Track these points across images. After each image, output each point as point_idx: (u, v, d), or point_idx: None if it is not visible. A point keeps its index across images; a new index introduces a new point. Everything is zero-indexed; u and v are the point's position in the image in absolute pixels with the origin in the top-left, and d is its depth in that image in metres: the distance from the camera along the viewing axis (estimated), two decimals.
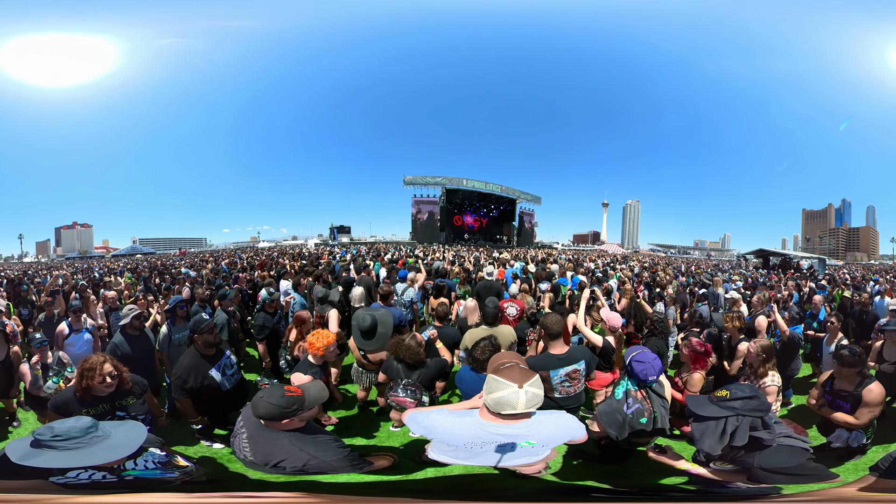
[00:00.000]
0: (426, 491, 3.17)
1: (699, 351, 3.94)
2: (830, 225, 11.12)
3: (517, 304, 5.79)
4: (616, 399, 3.19)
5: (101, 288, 7.58)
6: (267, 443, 2.39)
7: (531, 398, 2.06)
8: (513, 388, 2.06)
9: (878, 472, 2.95)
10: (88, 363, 3.09)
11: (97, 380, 3.05)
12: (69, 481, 2.41)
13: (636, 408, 3.10)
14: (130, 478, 2.55)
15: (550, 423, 2.22)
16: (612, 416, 3.11)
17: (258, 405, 2.36)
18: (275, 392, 2.40)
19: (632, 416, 3.08)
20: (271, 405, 2.33)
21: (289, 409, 2.35)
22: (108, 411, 3.14)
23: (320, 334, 3.67)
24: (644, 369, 3.11)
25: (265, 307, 5.40)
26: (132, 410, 3.24)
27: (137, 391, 3.34)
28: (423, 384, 3.70)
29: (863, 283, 9.52)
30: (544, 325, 3.66)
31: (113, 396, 3.17)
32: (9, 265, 9.07)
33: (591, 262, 11.23)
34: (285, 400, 2.35)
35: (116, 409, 3.18)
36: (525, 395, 2.04)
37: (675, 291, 8.17)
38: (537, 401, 2.09)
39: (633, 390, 3.15)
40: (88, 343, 4.90)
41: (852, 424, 3.43)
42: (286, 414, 2.36)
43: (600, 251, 13.51)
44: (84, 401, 3.07)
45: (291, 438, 2.41)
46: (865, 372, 3.46)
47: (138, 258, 10.32)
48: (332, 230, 12.72)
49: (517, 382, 2.07)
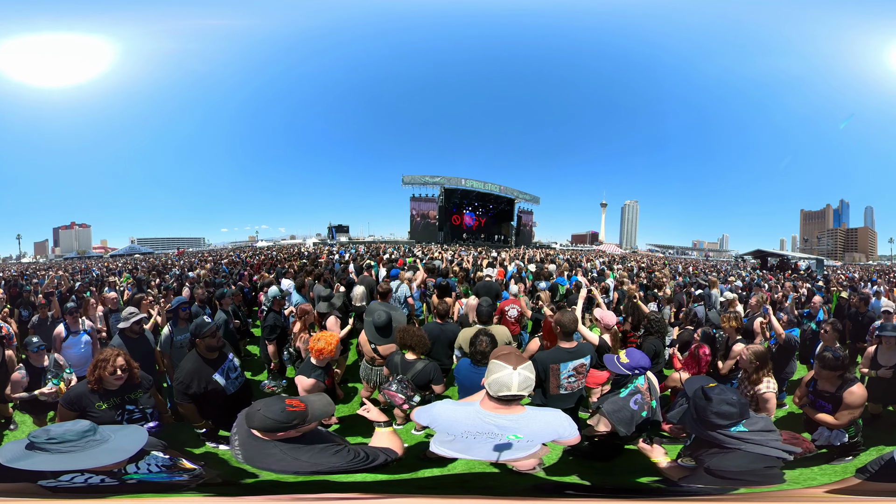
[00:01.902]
0: (431, 487, 3.23)
1: (697, 355, 4.02)
2: (829, 225, 11.14)
3: (517, 304, 5.81)
4: (621, 397, 3.25)
5: (103, 288, 7.58)
6: (257, 451, 2.25)
7: (524, 380, 2.19)
8: (508, 369, 2.19)
9: (867, 474, 2.97)
10: (103, 355, 3.18)
11: (108, 370, 3.12)
12: (60, 485, 2.40)
13: (638, 397, 3.22)
14: (133, 481, 2.54)
15: (540, 419, 2.34)
16: (621, 413, 3.18)
17: (254, 417, 2.21)
18: (274, 406, 2.24)
19: (636, 409, 3.19)
20: (268, 419, 2.19)
21: (288, 423, 2.22)
22: (119, 405, 3.22)
23: (323, 337, 3.66)
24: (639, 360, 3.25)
25: (274, 306, 5.39)
26: (141, 403, 3.34)
27: (146, 385, 3.44)
28: (416, 383, 3.73)
29: (860, 283, 9.55)
30: (560, 322, 3.70)
31: (123, 389, 3.25)
32: (7, 266, 9.05)
33: (589, 262, 11.24)
34: (285, 415, 2.21)
35: (127, 403, 3.27)
36: (518, 377, 2.18)
37: (671, 292, 8.19)
38: (529, 383, 2.21)
39: (640, 385, 3.24)
40: (87, 345, 4.89)
41: (833, 425, 3.53)
42: (283, 428, 2.23)
43: (598, 251, 13.53)
44: (97, 393, 3.14)
45: (283, 448, 2.26)
46: (848, 375, 3.54)
47: (136, 258, 10.31)
48: (330, 229, 12.71)
49: (512, 364, 2.20)
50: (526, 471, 3.15)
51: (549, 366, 3.60)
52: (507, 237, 13.87)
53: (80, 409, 3.09)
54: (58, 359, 4.29)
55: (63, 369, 4.19)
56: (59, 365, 4.22)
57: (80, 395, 3.14)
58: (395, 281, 6.63)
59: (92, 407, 3.11)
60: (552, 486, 3.25)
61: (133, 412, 3.28)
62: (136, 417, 3.29)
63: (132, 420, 3.27)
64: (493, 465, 3.17)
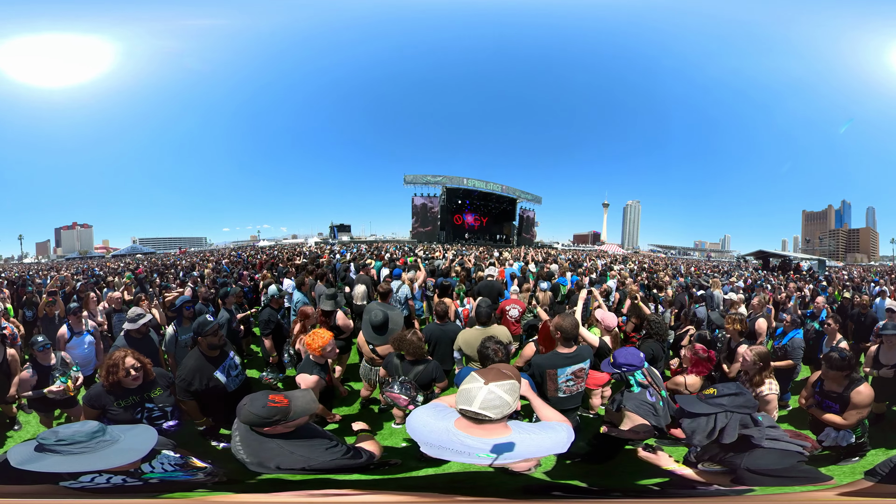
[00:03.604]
0: (427, 487, 3.23)
1: (701, 356, 3.99)
2: (830, 226, 11.12)
3: (519, 304, 5.81)
4: (636, 393, 3.29)
5: (103, 287, 7.59)
6: (258, 446, 2.35)
7: (492, 400, 1.89)
8: (478, 383, 1.95)
9: (877, 477, 2.95)
10: (112, 359, 3.13)
11: (121, 374, 3.09)
12: (85, 485, 2.41)
13: (651, 391, 3.26)
14: (155, 480, 2.55)
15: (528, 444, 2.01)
16: (643, 406, 3.21)
17: (241, 411, 2.31)
18: (258, 401, 2.32)
19: (654, 400, 3.22)
20: (252, 414, 2.28)
21: (269, 419, 2.29)
22: (137, 403, 3.21)
23: (317, 334, 3.70)
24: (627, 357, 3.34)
25: (271, 303, 5.48)
26: (159, 402, 3.31)
27: (163, 383, 3.42)
28: (419, 383, 3.73)
29: (861, 284, 9.54)
30: (561, 327, 3.63)
31: (141, 388, 3.23)
32: (9, 266, 9.06)
33: (590, 263, 11.24)
34: (266, 410, 2.29)
35: (145, 401, 3.25)
36: (485, 394, 1.90)
37: (673, 293, 8.18)
38: (498, 405, 1.90)
39: (640, 379, 3.29)
40: (91, 345, 4.90)
41: (840, 425, 3.51)
42: (266, 423, 2.30)
43: (600, 251, 13.52)
44: (114, 393, 3.12)
45: (279, 442, 2.35)
46: (854, 374, 3.52)
47: (138, 258, 10.32)
48: (332, 229, 12.70)
49: (484, 379, 1.96)
50: (523, 471, 3.14)
51: (545, 371, 3.57)
52: (508, 237, 13.86)
53: (101, 406, 3.10)
54: (64, 357, 4.30)
55: (70, 367, 4.20)
56: (65, 363, 4.23)
57: (99, 394, 3.13)
58: (396, 281, 6.63)
59: (111, 405, 3.10)
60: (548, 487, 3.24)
61: (153, 410, 3.27)
62: (155, 416, 3.29)
63: (152, 418, 3.27)
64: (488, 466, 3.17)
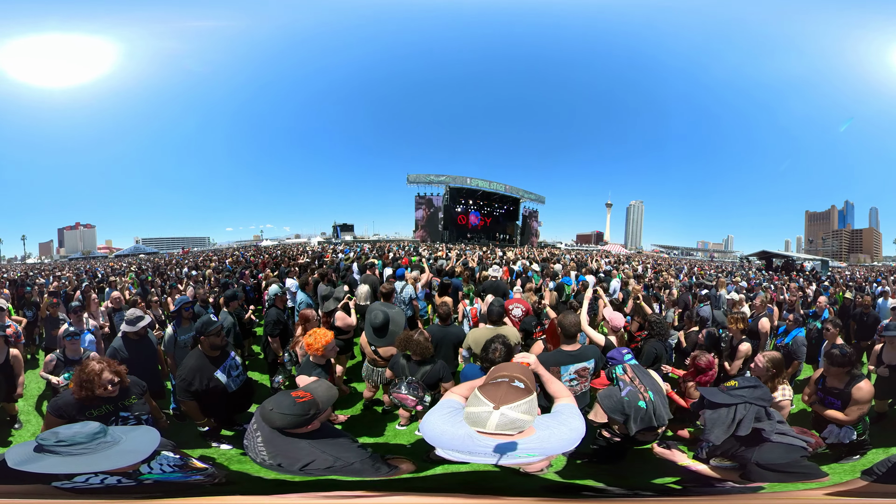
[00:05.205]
0: (438, 487, 3.23)
1: (701, 368, 4.04)
2: (833, 227, 11.08)
3: (522, 304, 5.79)
4: (612, 387, 3.37)
5: (104, 287, 7.59)
6: (287, 446, 2.29)
7: (504, 422, 1.86)
8: (486, 406, 1.90)
9: (873, 476, 2.95)
10: (86, 373, 2.92)
11: (99, 390, 2.92)
12: (77, 485, 2.39)
13: (628, 389, 3.23)
14: (150, 482, 2.52)
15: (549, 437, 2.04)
16: (611, 399, 3.26)
17: (272, 418, 2.24)
18: (284, 401, 2.28)
19: (628, 399, 3.19)
20: (286, 416, 2.23)
21: (306, 415, 2.26)
22: (111, 412, 3.05)
23: (317, 334, 3.66)
24: (612, 353, 3.48)
25: (276, 303, 5.45)
26: (135, 410, 3.15)
27: (137, 391, 3.26)
28: (426, 384, 3.71)
29: (864, 284, 9.51)
30: (561, 324, 3.63)
31: (115, 398, 3.07)
32: (12, 266, 9.08)
33: (594, 262, 11.23)
34: (299, 407, 2.25)
35: (120, 410, 3.09)
36: (498, 418, 1.86)
37: (677, 292, 8.17)
38: (515, 426, 1.88)
39: (619, 374, 3.33)
40: (91, 344, 4.88)
41: (842, 421, 3.54)
42: (305, 421, 2.26)
43: (603, 251, 13.50)
44: (85, 405, 2.94)
45: (311, 441, 2.31)
46: (855, 371, 3.55)
47: (141, 258, 10.33)
48: (335, 228, 12.70)
49: (495, 402, 1.91)
50: (535, 472, 3.13)
51: (549, 368, 3.55)
52: (512, 236, 13.85)
53: (69, 417, 2.87)
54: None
55: (74, 365, 4.19)
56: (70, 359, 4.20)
57: (68, 404, 2.93)
58: (399, 281, 6.60)
59: (82, 416, 2.87)
60: (561, 488, 3.23)
61: (128, 419, 3.10)
62: (131, 425, 3.10)
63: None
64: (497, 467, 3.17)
